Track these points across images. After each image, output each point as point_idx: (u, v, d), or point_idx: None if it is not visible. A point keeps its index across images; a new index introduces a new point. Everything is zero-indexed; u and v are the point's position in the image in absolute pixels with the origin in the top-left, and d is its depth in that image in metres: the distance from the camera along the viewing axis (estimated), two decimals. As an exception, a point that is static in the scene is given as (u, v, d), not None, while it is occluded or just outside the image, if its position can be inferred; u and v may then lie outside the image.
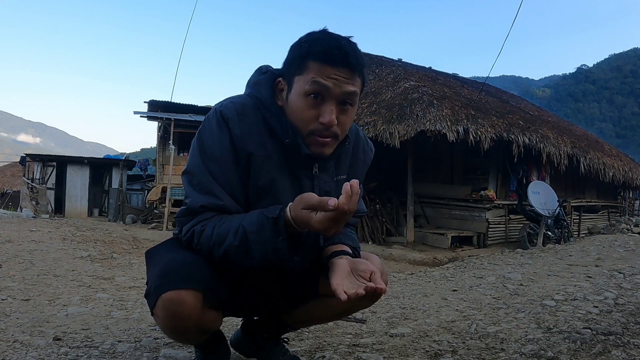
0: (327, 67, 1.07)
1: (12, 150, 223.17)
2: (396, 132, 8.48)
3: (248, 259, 1.06)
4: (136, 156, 33.25)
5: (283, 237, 1.03)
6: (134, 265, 3.87)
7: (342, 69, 1.08)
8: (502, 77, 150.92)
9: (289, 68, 1.13)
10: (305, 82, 1.09)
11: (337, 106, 1.10)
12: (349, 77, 1.09)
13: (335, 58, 1.07)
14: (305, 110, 1.10)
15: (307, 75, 1.08)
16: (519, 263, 4.19)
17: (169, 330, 1.14)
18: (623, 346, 1.67)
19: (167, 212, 11.30)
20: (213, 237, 1.07)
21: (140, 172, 18.63)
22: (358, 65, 1.10)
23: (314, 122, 1.10)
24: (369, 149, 1.38)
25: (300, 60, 1.10)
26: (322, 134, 1.11)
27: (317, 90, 1.08)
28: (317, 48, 1.08)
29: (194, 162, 1.15)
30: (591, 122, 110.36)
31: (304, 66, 1.09)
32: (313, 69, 1.08)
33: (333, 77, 1.07)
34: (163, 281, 1.06)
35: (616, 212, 13.55)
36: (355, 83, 1.11)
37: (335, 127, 1.11)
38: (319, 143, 1.12)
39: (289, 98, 1.14)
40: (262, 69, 1.25)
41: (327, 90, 1.08)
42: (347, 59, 1.08)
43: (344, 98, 1.10)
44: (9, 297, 2.40)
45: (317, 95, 1.08)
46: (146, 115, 13.60)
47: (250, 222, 1.05)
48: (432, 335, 1.88)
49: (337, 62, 1.08)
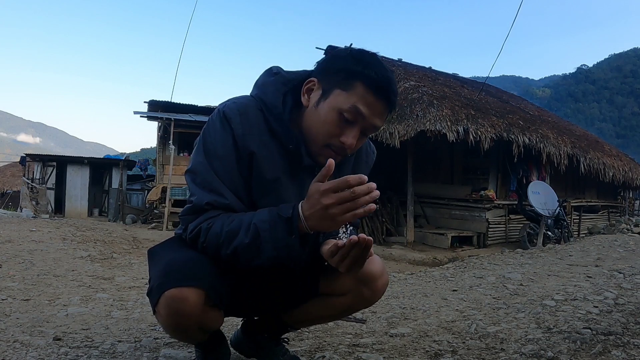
0: (371, 96, 1.09)
1: (12, 150, 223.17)
2: (396, 132, 8.48)
3: (258, 257, 1.07)
4: (136, 156, 33.25)
5: (296, 236, 1.04)
6: (134, 265, 3.87)
7: (382, 102, 1.11)
8: (502, 77, 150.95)
9: (332, 76, 1.12)
10: (347, 101, 1.09)
11: (360, 131, 1.13)
12: (383, 112, 1.13)
13: (382, 91, 1.10)
14: (332, 126, 1.11)
15: (351, 95, 1.09)
16: (519, 263, 4.19)
17: (170, 328, 1.14)
18: (623, 346, 1.67)
19: (167, 212, 11.30)
20: (222, 234, 1.07)
21: (140, 172, 18.63)
22: (394, 104, 1.14)
23: (334, 138, 1.12)
24: (371, 151, 1.38)
25: (348, 76, 1.10)
26: (337, 150, 1.14)
27: (353, 115, 1.10)
28: (371, 73, 1.09)
29: (198, 160, 1.15)
30: (591, 122, 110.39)
31: (351, 84, 1.09)
32: (359, 92, 1.09)
33: (372, 108, 1.10)
34: (165, 279, 1.06)
35: (616, 212, 13.55)
36: (384, 119, 1.15)
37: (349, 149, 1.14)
38: (330, 156, 1.12)
39: (319, 104, 1.13)
40: (273, 70, 1.25)
41: (362, 117, 1.10)
42: (390, 96, 1.11)
43: (369, 129, 1.14)
44: (9, 297, 2.40)
45: (348, 118, 1.10)
46: (146, 115, 13.61)
47: (262, 220, 1.05)
48: (432, 335, 1.88)
49: (381, 95, 1.10)
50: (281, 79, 1.20)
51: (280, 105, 1.17)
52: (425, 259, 7.61)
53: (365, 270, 1.21)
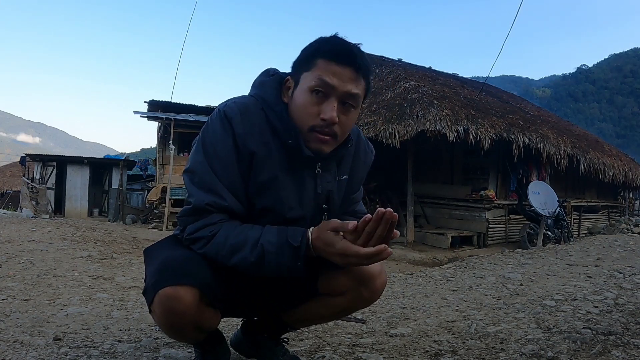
0: (333, 65, 1.10)
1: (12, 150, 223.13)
2: (396, 132, 8.47)
3: (258, 273, 1.10)
4: (136, 156, 33.23)
5: (301, 262, 1.06)
6: (134, 265, 3.87)
7: (348, 68, 1.11)
8: (502, 77, 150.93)
9: (298, 66, 1.16)
10: (312, 78, 1.11)
11: (339, 105, 1.12)
12: (354, 77, 1.12)
13: (342, 57, 1.11)
14: (308, 106, 1.12)
15: (314, 72, 1.11)
16: (519, 263, 4.19)
17: (166, 327, 1.14)
18: (623, 346, 1.67)
19: (167, 212, 11.30)
20: (226, 246, 1.08)
21: (140, 172, 18.62)
22: (364, 67, 1.13)
23: (316, 118, 1.12)
24: (370, 151, 1.39)
25: (308, 58, 1.13)
26: (322, 130, 1.13)
27: (321, 87, 1.10)
28: (326, 47, 1.12)
29: (197, 160, 1.15)
30: (591, 122, 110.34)
31: (312, 63, 1.12)
32: (320, 66, 1.11)
33: (338, 76, 1.10)
34: (160, 277, 1.07)
35: (616, 212, 13.55)
36: (359, 85, 1.14)
37: (336, 127, 1.13)
38: (319, 140, 1.14)
39: (294, 94, 1.16)
40: (270, 71, 1.26)
41: (331, 88, 1.10)
42: (354, 60, 1.11)
43: (347, 98, 1.12)
44: (9, 297, 2.40)
45: (321, 92, 1.11)
46: (146, 115, 13.60)
47: (269, 242, 1.07)
48: (432, 335, 1.88)
49: (344, 61, 1.11)
50: (278, 79, 1.22)
51: (281, 102, 1.19)
52: (425, 259, 7.61)
53: (363, 270, 1.21)
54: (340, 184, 1.28)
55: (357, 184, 1.36)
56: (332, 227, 1.03)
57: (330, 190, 1.24)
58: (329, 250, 1.03)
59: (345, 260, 1.03)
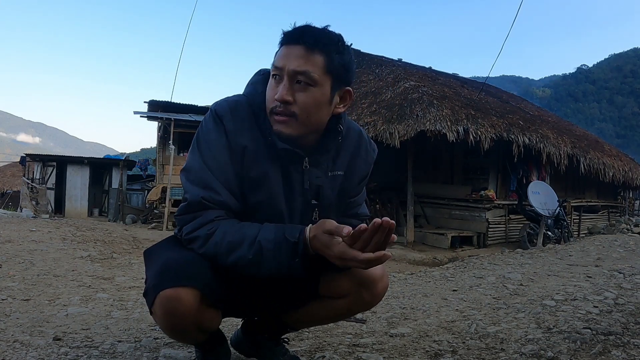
0: (284, 48, 1.14)
1: (12, 150, 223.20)
2: (396, 132, 8.47)
3: (257, 272, 1.10)
4: (136, 156, 33.23)
5: (299, 260, 1.06)
6: (134, 265, 3.87)
7: (296, 47, 1.12)
8: (502, 77, 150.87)
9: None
10: (271, 67, 1.16)
11: (292, 84, 1.12)
12: (303, 54, 1.11)
13: (291, 37, 1.13)
14: (268, 91, 1.16)
15: (273, 60, 1.15)
16: (519, 263, 4.19)
17: (167, 329, 1.15)
18: (623, 346, 1.67)
19: (167, 212, 11.30)
20: (224, 244, 1.08)
21: (140, 172, 18.63)
22: (315, 42, 1.11)
23: (273, 101, 1.14)
24: (372, 150, 1.38)
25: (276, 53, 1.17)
26: (278, 111, 1.14)
27: (274, 71, 1.14)
28: (282, 35, 1.15)
29: (192, 158, 1.18)
30: (591, 122, 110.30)
31: (275, 55, 1.16)
32: (276, 54, 1.15)
33: (286, 56, 1.12)
34: (160, 279, 1.07)
35: (616, 212, 13.55)
36: (310, 60, 1.11)
37: (293, 106, 1.13)
38: (276, 121, 1.15)
39: None
40: (261, 71, 1.28)
41: (281, 69, 1.12)
42: (302, 37, 1.12)
43: (296, 75, 1.12)
44: (9, 297, 2.40)
45: (276, 76, 1.14)
46: (146, 115, 13.60)
47: (267, 239, 1.07)
48: (432, 335, 1.88)
49: (292, 41, 1.13)
50: (267, 77, 1.23)
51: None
52: (425, 259, 7.61)
53: (365, 273, 1.21)
54: (334, 179, 1.27)
55: (357, 182, 1.34)
56: (327, 229, 1.03)
57: (320, 185, 1.24)
58: (327, 252, 1.03)
59: (344, 264, 1.03)
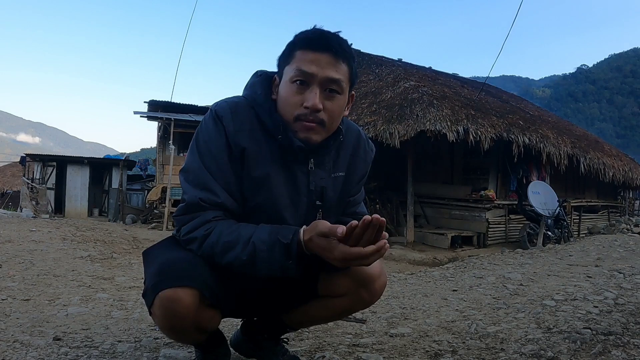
0: (309, 53, 1.12)
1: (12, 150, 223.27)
2: (396, 132, 8.47)
3: (252, 272, 1.09)
4: (136, 156, 33.22)
5: (293, 261, 1.05)
6: (134, 265, 3.87)
7: (325, 54, 1.12)
8: (502, 77, 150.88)
9: (281, 62, 1.18)
10: (291, 70, 1.13)
11: (322, 92, 1.13)
12: (332, 62, 1.12)
13: (317, 43, 1.12)
14: (291, 97, 1.14)
15: (293, 64, 1.13)
16: (519, 263, 4.19)
17: (167, 329, 1.14)
18: (623, 346, 1.67)
19: (167, 212, 11.30)
20: (219, 244, 1.08)
21: (140, 172, 18.64)
22: (341, 51, 1.13)
23: (299, 107, 1.13)
24: (370, 149, 1.38)
25: (288, 52, 1.15)
26: (307, 118, 1.13)
27: (300, 76, 1.12)
28: (302, 37, 1.14)
29: (191, 159, 1.17)
30: (591, 122, 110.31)
31: (291, 56, 1.14)
32: (298, 57, 1.13)
33: (316, 62, 1.11)
34: (159, 280, 1.07)
35: (616, 212, 13.54)
36: (339, 70, 1.14)
37: (322, 114, 1.13)
38: (305, 128, 1.14)
39: (279, 88, 1.18)
40: (258, 72, 1.28)
41: (311, 75, 1.11)
42: (329, 44, 1.12)
43: (328, 84, 1.13)
44: (9, 297, 2.40)
45: (301, 81, 1.12)
46: (146, 115, 13.61)
47: (261, 240, 1.07)
48: (432, 335, 1.88)
49: (319, 48, 1.12)
50: (266, 78, 1.24)
51: (270, 100, 1.20)
52: (425, 259, 7.61)
53: (363, 272, 1.21)
54: (336, 180, 1.28)
55: (356, 181, 1.35)
56: (321, 232, 1.02)
57: (324, 186, 1.24)
58: (327, 255, 1.03)
59: (347, 264, 1.03)
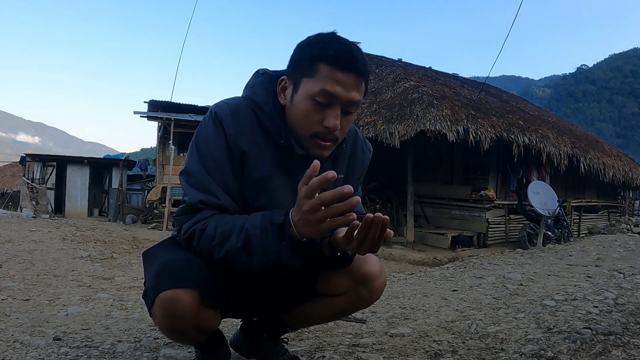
0: (337, 72, 1.08)
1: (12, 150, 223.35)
2: (396, 132, 8.48)
3: (249, 262, 1.06)
4: (136, 156, 33.22)
5: (287, 242, 1.02)
6: (134, 265, 3.87)
7: (351, 75, 1.09)
8: (502, 77, 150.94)
9: (297, 68, 1.13)
10: (315, 86, 1.08)
11: (341, 111, 1.11)
12: (356, 84, 1.10)
13: (346, 63, 1.08)
14: (311, 114, 1.11)
15: (317, 79, 1.08)
16: (519, 263, 4.19)
17: (167, 330, 1.14)
18: (623, 346, 1.67)
19: (167, 212, 11.30)
20: (216, 236, 1.07)
21: (140, 172, 18.64)
22: (365, 72, 1.12)
23: (318, 125, 1.11)
24: (367, 150, 1.38)
25: (310, 62, 1.10)
26: (324, 137, 1.12)
27: (325, 97, 1.08)
28: (329, 52, 1.08)
29: (191, 161, 1.16)
30: (591, 122, 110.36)
31: (314, 69, 1.09)
32: (324, 73, 1.08)
33: (342, 84, 1.08)
34: (159, 280, 1.06)
35: (616, 212, 13.55)
36: (361, 91, 1.13)
37: (337, 132, 1.13)
38: (320, 146, 1.13)
39: (294, 98, 1.13)
40: (259, 72, 1.26)
41: (335, 97, 1.08)
42: (357, 66, 1.09)
43: (349, 106, 1.12)
44: (9, 297, 2.40)
45: (319, 100, 1.09)
46: (146, 115, 13.61)
47: (253, 225, 1.05)
48: (432, 335, 1.88)
49: (347, 68, 1.08)
50: (268, 78, 1.22)
51: (271, 102, 1.18)
52: (425, 259, 7.61)
53: (362, 271, 1.21)
54: (336, 183, 1.27)
55: (354, 183, 1.34)
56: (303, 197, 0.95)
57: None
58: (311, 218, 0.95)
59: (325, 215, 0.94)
